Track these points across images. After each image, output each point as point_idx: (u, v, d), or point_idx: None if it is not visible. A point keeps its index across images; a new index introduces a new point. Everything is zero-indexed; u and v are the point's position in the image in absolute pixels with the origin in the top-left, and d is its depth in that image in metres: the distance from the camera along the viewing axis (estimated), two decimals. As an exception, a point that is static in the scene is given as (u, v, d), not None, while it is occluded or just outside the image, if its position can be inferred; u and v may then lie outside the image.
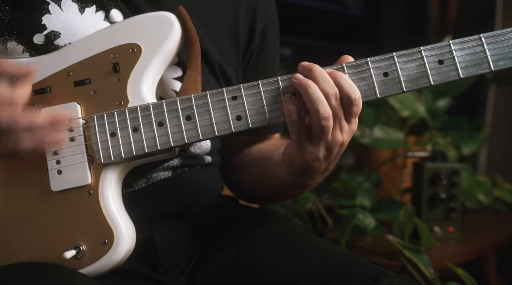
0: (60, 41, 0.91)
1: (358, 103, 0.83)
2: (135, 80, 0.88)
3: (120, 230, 0.85)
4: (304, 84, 0.82)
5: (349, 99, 0.82)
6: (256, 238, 0.99)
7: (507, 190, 2.08)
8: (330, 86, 0.82)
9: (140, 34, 0.89)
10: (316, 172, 0.89)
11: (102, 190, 0.86)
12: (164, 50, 0.89)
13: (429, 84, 0.85)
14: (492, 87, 2.62)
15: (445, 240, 1.64)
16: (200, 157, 1.06)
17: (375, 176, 1.79)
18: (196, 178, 1.05)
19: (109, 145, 0.86)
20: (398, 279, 0.84)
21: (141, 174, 0.96)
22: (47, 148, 0.84)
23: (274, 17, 1.15)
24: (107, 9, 0.95)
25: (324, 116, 0.81)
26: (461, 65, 0.85)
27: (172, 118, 0.86)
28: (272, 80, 0.86)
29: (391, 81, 0.85)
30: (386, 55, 0.85)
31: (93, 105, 0.88)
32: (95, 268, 0.84)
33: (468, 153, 1.99)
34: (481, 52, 0.85)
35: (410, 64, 0.85)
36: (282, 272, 0.90)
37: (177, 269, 0.98)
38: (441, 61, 0.85)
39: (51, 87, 0.89)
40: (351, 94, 0.82)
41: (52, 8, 0.91)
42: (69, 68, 0.90)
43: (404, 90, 0.85)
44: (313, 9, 2.48)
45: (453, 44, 0.85)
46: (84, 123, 0.87)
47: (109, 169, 0.87)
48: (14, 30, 0.90)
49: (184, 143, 0.86)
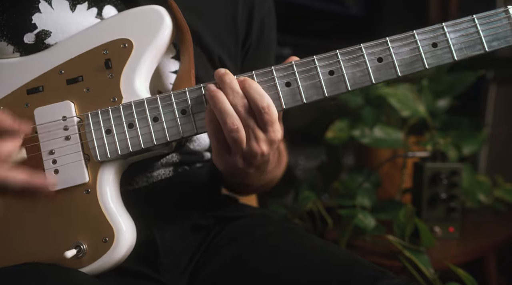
0: (51, 40, 0.90)
1: (268, 111, 0.81)
2: (128, 75, 0.88)
3: (120, 227, 0.84)
4: (213, 96, 0.81)
5: (257, 108, 0.81)
6: (257, 238, 0.99)
7: (507, 190, 2.07)
8: (238, 97, 0.81)
9: (131, 29, 0.89)
10: (248, 177, 0.90)
11: (100, 188, 0.86)
12: (156, 44, 0.89)
13: (423, 67, 0.84)
14: (492, 87, 2.62)
15: (445, 240, 1.63)
16: (199, 154, 1.06)
17: (375, 176, 1.79)
18: (196, 176, 1.05)
19: (105, 142, 0.86)
20: (399, 279, 0.84)
21: (141, 171, 0.96)
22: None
23: (271, 12, 1.15)
24: (100, 5, 0.94)
25: (232, 128, 0.80)
26: (455, 47, 0.84)
27: (167, 113, 0.85)
28: (267, 70, 0.85)
29: (385, 66, 0.84)
30: (379, 40, 0.85)
31: (87, 102, 0.88)
32: (97, 266, 0.83)
33: (468, 153, 1.99)
34: (475, 33, 0.84)
35: (404, 48, 0.84)
36: (282, 273, 0.89)
37: (178, 269, 0.98)
38: (435, 44, 0.84)
39: (44, 86, 0.89)
40: (258, 103, 0.80)
41: (43, 7, 0.90)
42: (61, 66, 0.89)
43: (399, 74, 0.84)
44: (313, 9, 2.48)
45: (446, 26, 0.84)
46: (78, 121, 0.87)
47: (106, 167, 0.87)
48: (4, 30, 0.89)
49: (180, 137, 0.86)
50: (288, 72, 0.85)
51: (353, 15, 2.67)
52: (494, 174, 2.20)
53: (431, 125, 1.94)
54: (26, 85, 0.89)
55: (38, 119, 0.87)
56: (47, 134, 0.87)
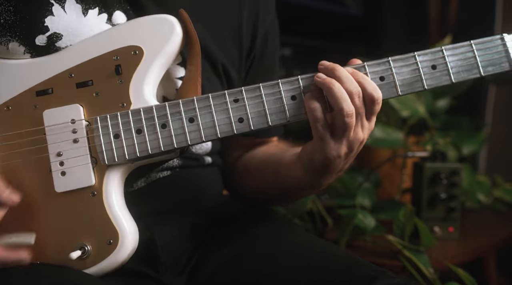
0: (61, 43, 0.91)
1: (380, 102, 0.86)
2: (137, 82, 0.89)
3: (125, 230, 0.85)
4: (328, 82, 0.84)
5: (371, 99, 0.85)
6: (256, 238, 0.99)
7: (507, 190, 2.08)
8: (353, 85, 0.84)
9: (142, 36, 0.90)
10: (334, 170, 0.90)
11: (106, 191, 0.87)
12: (166, 52, 0.90)
13: (423, 88, 0.88)
14: (492, 87, 2.62)
15: (445, 240, 1.64)
16: (200, 158, 1.06)
17: (375, 176, 1.79)
18: (196, 176, 1.05)
19: (113, 146, 0.86)
20: (398, 279, 0.84)
21: (141, 175, 0.97)
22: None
23: (274, 25, 1.17)
24: (110, 11, 0.95)
25: (348, 113, 0.83)
26: (453, 71, 0.88)
27: (175, 120, 0.87)
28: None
29: (387, 85, 0.88)
30: (382, 60, 0.88)
31: (96, 107, 0.88)
32: (100, 268, 0.84)
33: (468, 153, 1.99)
34: (472, 58, 0.88)
35: (405, 68, 0.88)
36: (282, 273, 0.90)
37: (177, 268, 0.98)
38: (434, 66, 0.88)
39: (53, 88, 0.89)
40: (374, 94, 0.85)
41: (56, 10, 0.91)
42: (71, 69, 0.90)
43: (399, 93, 0.88)
44: (313, 9, 2.48)
45: (445, 50, 0.88)
46: (87, 124, 0.88)
47: (113, 170, 0.88)
48: (17, 31, 0.90)
49: (187, 145, 0.87)
50: (294, 86, 0.88)
51: (353, 15, 2.67)
52: (493, 174, 2.21)
53: (431, 125, 1.94)
54: (36, 87, 0.89)
55: (47, 121, 0.88)
56: (55, 136, 0.87)
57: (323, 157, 0.87)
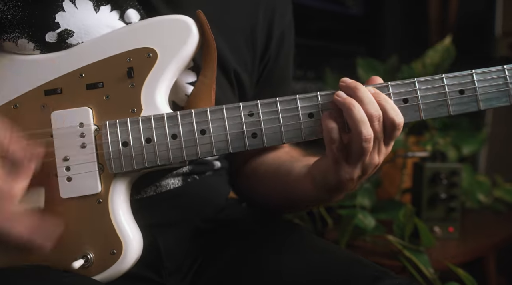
0: (73, 40, 0.87)
1: (401, 128, 0.81)
2: (149, 87, 0.85)
3: (129, 240, 0.82)
4: (348, 103, 0.79)
5: (392, 124, 0.80)
6: (258, 239, 0.99)
7: (507, 190, 2.08)
8: (374, 108, 0.79)
9: (156, 38, 0.86)
10: (345, 190, 0.88)
11: (112, 199, 0.84)
12: (180, 56, 0.86)
13: (448, 114, 0.82)
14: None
15: (445, 240, 1.64)
16: (210, 163, 1.04)
17: (375, 176, 1.79)
18: (205, 185, 1.03)
19: (121, 155, 0.83)
20: (400, 279, 0.84)
21: (150, 182, 0.94)
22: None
23: (291, 25, 1.12)
24: (123, 9, 0.91)
25: (367, 138, 0.78)
26: (481, 97, 0.82)
27: (186, 132, 0.83)
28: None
29: (410, 108, 0.82)
30: (406, 81, 0.83)
31: (105, 110, 0.85)
32: (102, 277, 0.82)
33: (468, 153, 1.99)
34: (503, 85, 0.82)
35: (430, 91, 0.82)
36: (284, 273, 0.89)
37: (180, 273, 0.97)
38: (462, 91, 0.82)
39: (62, 88, 0.86)
40: (395, 119, 0.80)
41: (67, 6, 0.87)
42: (82, 69, 0.86)
43: (422, 118, 0.83)
44: (313, 8, 2.48)
45: (475, 74, 0.82)
46: (95, 129, 0.84)
47: (120, 178, 0.84)
48: (26, 27, 0.86)
49: (197, 158, 0.83)
50: (312, 103, 0.83)
51: (353, 15, 2.67)
52: (493, 174, 2.21)
53: (430, 125, 1.94)
54: (45, 85, 0.86)
55: (55, 124, 0.84)
56: (62, 140, 0.84)
57: (336, 179, 0.84)
